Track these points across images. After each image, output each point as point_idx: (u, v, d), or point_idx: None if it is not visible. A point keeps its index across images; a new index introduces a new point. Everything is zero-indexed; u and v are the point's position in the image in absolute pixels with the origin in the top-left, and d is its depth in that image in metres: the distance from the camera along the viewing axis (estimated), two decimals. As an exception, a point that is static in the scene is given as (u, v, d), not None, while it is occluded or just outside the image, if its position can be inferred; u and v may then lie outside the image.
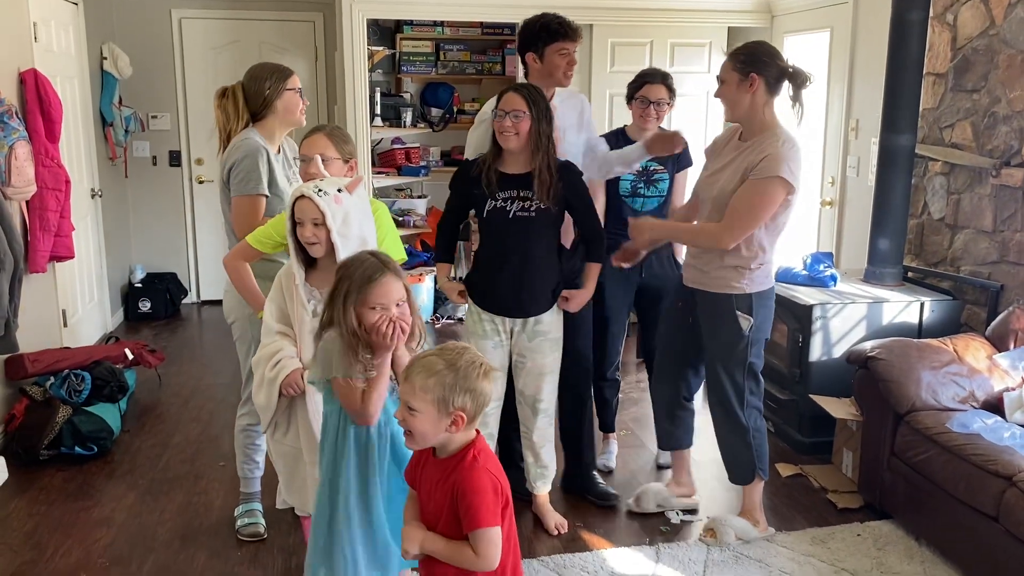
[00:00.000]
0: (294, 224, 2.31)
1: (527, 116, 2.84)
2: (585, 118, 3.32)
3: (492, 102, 3.03)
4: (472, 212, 3.14)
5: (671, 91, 3.50)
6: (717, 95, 2.94)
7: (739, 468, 3.14)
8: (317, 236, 2.28)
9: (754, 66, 2.82)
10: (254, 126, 2.96)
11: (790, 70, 2.85)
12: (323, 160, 2.57)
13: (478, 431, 1.86)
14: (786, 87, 2.87)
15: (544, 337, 3.05)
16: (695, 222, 3.11)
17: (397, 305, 2.02)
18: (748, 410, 3.06)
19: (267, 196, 2.86)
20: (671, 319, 3.23)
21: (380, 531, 2.14)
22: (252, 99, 2.97)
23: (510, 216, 2.92)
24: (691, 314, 3.10)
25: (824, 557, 3.00)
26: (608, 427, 3.79)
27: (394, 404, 2.03)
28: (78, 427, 3.72)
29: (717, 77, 2.91)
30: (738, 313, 2.94)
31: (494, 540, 1.79)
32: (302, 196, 2.28)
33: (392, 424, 2.11)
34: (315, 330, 2.14)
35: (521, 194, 2.91)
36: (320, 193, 2.27)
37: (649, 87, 3.46)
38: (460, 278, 6.08)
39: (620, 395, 3.83)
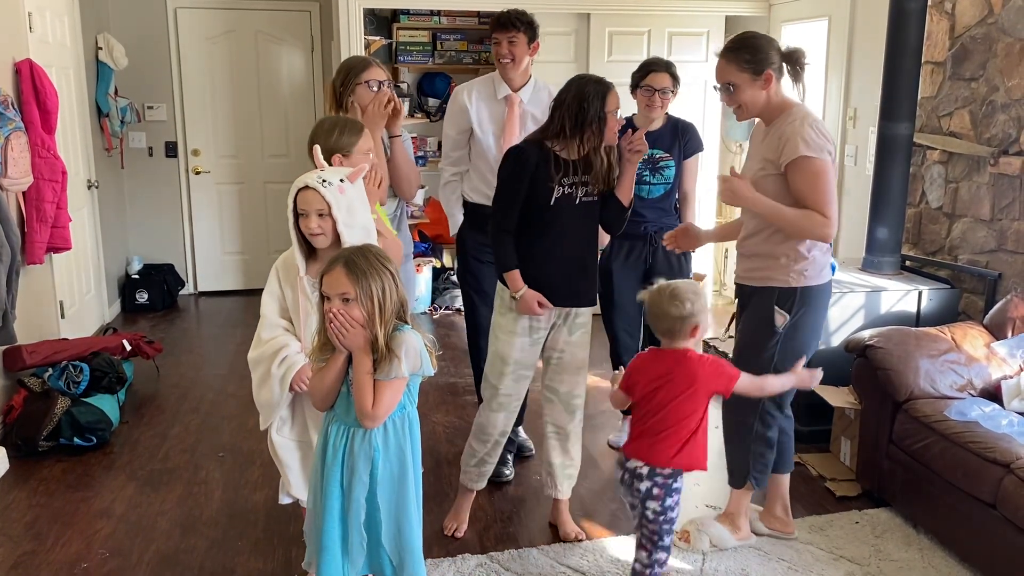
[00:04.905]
0: (296, 216, 2.29)
1: None
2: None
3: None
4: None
5: (675, 79, 3.53)
6: (730, 102, 2.75)
7: (733, 468, 3.03)
8: (322, 227, 2.26)
9: (764, 63, 2.69)
10: None
11: (789, 53, 2.77)
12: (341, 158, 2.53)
13: None
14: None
15: (584, 329, 2.98)
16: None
17: (345, 301, 2.00)
18: (758, 416, 2.88)
19: None
20: None
21: (356, 531, 2.13)
22: (336, 93, 3.09)
23: (577, 202, 2.83)
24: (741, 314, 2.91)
25: (823, 545, 3.02)
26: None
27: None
28: (77, 418, 3.72)
29: (727, 83, 2.72)
30: (776, 308, 2.75)
31: None
32: (306, 187, 2.25)
33: (373, 436, 2.10)
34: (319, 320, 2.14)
35: (583, 179, 2.82)
36: (325, 184, 2.24)
37: (654, 76, 3.49)
38: (450, 271, 6.07)
39: None
